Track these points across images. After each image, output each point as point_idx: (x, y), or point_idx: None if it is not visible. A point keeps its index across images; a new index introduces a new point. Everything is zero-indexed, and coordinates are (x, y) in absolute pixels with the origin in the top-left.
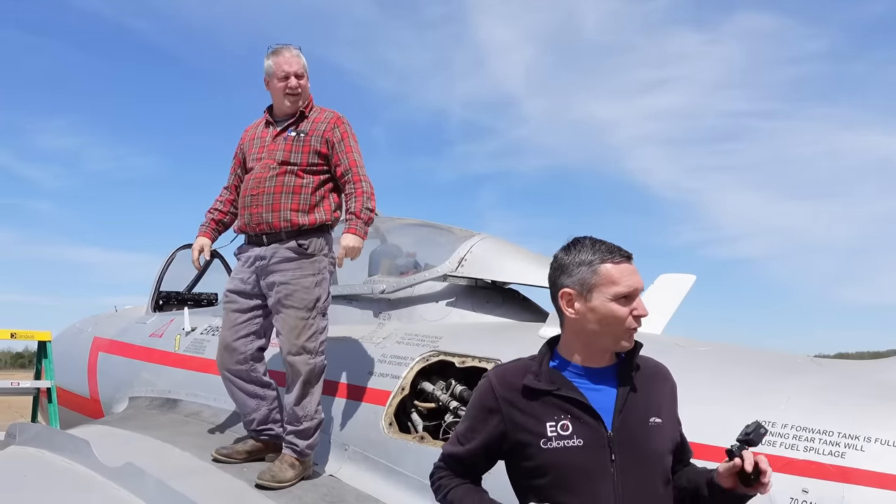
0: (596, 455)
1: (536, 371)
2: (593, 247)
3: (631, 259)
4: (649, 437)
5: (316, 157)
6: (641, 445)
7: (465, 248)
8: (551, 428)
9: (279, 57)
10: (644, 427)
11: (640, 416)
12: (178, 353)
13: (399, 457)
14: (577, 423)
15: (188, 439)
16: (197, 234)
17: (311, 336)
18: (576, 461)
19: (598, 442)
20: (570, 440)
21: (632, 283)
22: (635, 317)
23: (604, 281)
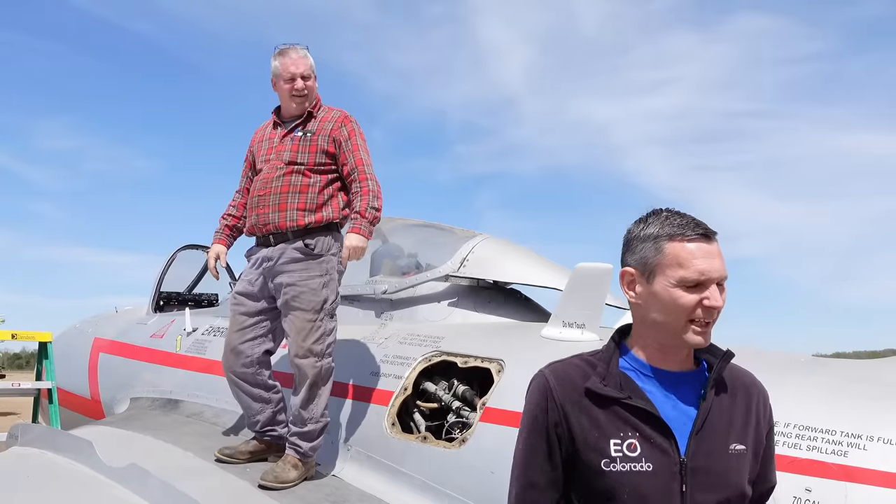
0: (665, 484)
1: (603, 372)
2: (666, 220)
3: (710, 238)
4: (729, 467)
5: (323, 157)
6: (719, 477)
7: (466, 249)
8: (616, 446)
9: (285, 58)
10: (723, 455)
11: (720, 440)
12: (179, 354)
13: (402, 457)
14: (646, 444)
15: (191, 440)
16: (212, 241)
17: (318, 338)
18: (641, 490)
19: (669, 469)
20: (636, 464)
21: (703, 268)
22: (706, 308)
23: (668, 261)
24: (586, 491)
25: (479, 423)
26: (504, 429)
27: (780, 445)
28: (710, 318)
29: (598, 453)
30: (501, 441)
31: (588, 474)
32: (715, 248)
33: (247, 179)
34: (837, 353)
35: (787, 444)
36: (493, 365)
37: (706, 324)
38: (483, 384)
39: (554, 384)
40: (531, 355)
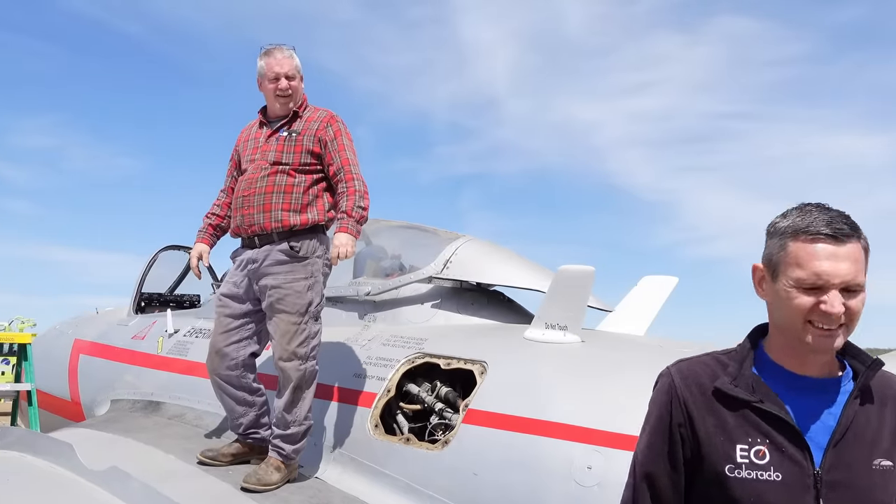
0: (795, 497)
1: (735, 372)
2: (800, 215)
3: (840, 239)
4: (873, 484)
5: (308, 157)
6: (861, 493)
7: (450, 250)
8: (742, 452)
9: (270, 58)
10: (866, 470)
11: (862, 453)
12: (160, 356)
13: (385, 458)
14: (776, 452)
15: (172, 442)
16: (195, 240)
17: (302, 341)
18: (767, 500)
19: (802, 481)
20: (764, 472)
21: (821, 270)
22: (822, 313)
23: (789, 260)
24: (708, 497)
25: (462, 425)
26: (487, 430)
27: None
28: (828, 324)
29: (724, 458)
30: (484, 443)
31: (711, 479)
32: (845, 250)
33: (232, 179)
34: None
35: None
36: (476, 367)
37: (828, 330)
38: (466, 386)
39: (679, 383)
40: (514, 357)
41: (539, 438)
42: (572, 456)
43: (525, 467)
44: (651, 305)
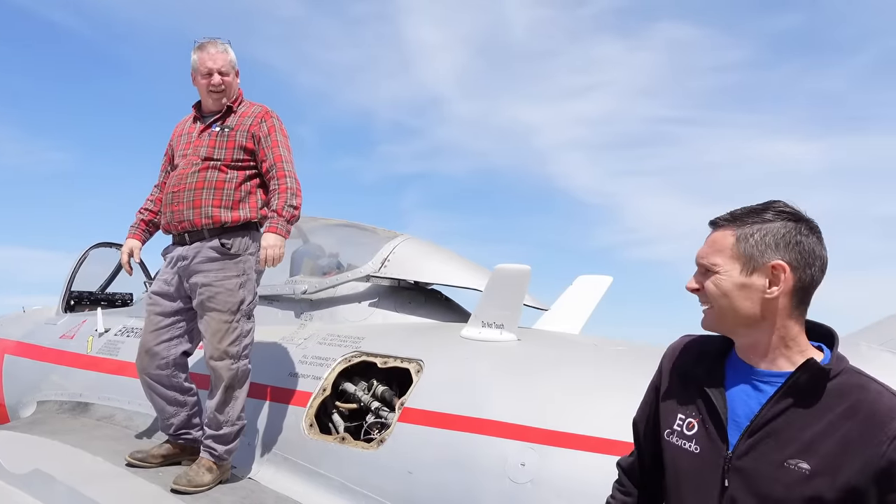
0: (706, 472)
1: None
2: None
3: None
4: (776, 480)
5: (241, 153)
6: (764, 486)
7: (388, 249)
8: (679, 421)
9: (203, 53)
10: (775, 466)
11: (776, 448)
12: (90, 355)
13: (320, 458)
14: (702, 428)
15: (101, 444)
16: (127, 235)
17: (234, 340)
18: (683, 468)
19: (715, 460)
20: (688, 442)
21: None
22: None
23: None
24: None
25: (398, 424)
26: (422, 429)
27: None
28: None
29: (667, 422)
30: (420, 441)
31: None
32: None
33: (165, 174)
34: None
35: None
36: (412, 365)
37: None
38: (403, 384)
39: (672, 351)
40: (450, 355)
41: (474, 436)
42: (506, 453)
43: (460, 465)
44: (586, 304)
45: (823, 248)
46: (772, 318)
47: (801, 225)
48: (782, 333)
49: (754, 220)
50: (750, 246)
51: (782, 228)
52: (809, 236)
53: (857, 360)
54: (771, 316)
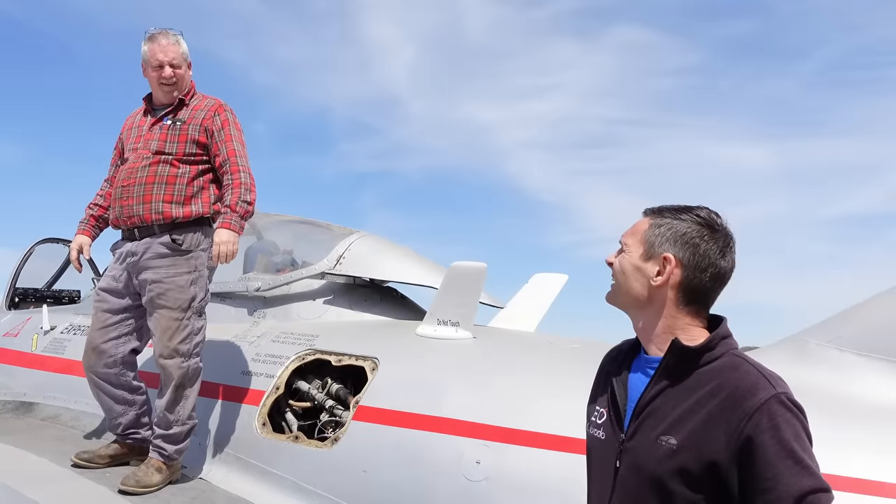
0: (607, 456)
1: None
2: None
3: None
4: (649, 456)
5: (194, 147)
6: (640, 463)
7: (343, 246)
8: (595, 412)
9: (154, 44)
10: (650, 442)
11: (652, 427)
12: (35, 354)
13: (272, 457)
14: (608, 417)
15: (45, 444)
16: (76, 231)
17: (185, 338)
18: (596, 455)
19: (613, 444)
20: (598, 430)
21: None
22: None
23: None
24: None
25: (352, 422)
26: (377, 427)
27: None
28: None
29: (590, 413)
30: (374, 439)
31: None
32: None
33: (115, 168)
34: None
35: None
36: (367, 363)
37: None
38: (357, 382)
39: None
40: (406, 353)
41: (429, 434)
42: (461, 451)
43: (415, 463)
44: (541, 302)
45: (725, 260)
46: (658, 306)
47: (706, 231)
48: (669, 322)
49: (671, 215)
50: (654, 235)
51: (687, 228)
52: (711, 244)
53: (806, 358)
54: (657, 303)
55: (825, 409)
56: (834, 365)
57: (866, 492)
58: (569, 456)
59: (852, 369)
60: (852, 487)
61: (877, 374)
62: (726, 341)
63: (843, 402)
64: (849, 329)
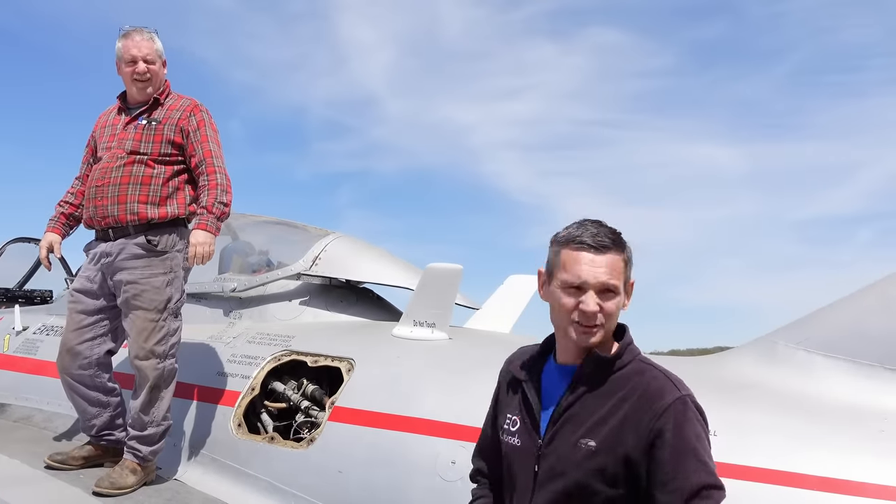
0: (525, 462)
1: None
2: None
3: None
4: (569, 459)
5: (169, 147)
6: (561, 466)
7: (319, 247)
8: (507, 420)
9: (128, 40)
10: (569, 447)
11: (570, 433)
12: (6, 354)
13: (248, 458)
14: (522, 423)
15: (17, 446)
16: (46, 229)
17: (160, 339)
18: (512, 461)
19: (531, 449)
20: (512, 437)
21: (580, 274)
22: (581, 312)
23: (560, 265)
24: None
25: (328, 423)
26: (353, 428)
27: None
28: (587, 321)
29: (501, 422)
30: (350, 440)
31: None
32: (602, 258)
33: (87, 166)
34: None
35: None
36: (343, 364)
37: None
38: (333, 383)
39: (506, 364)
40: (382, 354)
41: (405, 435)
42: (437, 451)
43: (390, 463)
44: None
45: None
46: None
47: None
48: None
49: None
50: (628, 269)
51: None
52: None
53: (775, 359)
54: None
55: (793, 410)
56: (801, 366)
57: (833, 490)
58: None
59: (819, 370)
60: (819, 486)
61: (842, 374)
62: (631, 348)
63: (809, 403)
64: (816, 331)
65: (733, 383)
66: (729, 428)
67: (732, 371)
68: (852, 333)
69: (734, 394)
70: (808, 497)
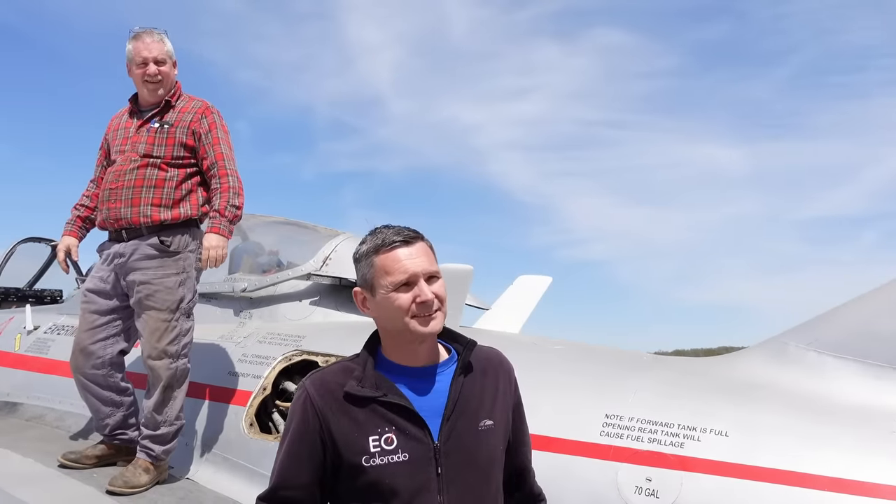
0: (422, 470)
1: (360, 375)
2: (372, 238)
3: (410, 242)
4: (479, 443)
5: (182, 150)
6: (471, 454)
7: (329, 247)
8: (374, 442)
9: (138, 42)
10: (474, 433)
11: (470, 420)
12: (18, 354)
13: (260, 457)
14: (402, 436)
15: (31, 444)
16: (63, 232)
17: (173, 339)
18: (400, 478)
19: (425, 455)
20: (394, 455)
21: (405, 269)
22: (419, 303)
23: (379, 273)
24: (353, 489)
25: None
26: None
27: (625, 438)
28: (427, 310)
29: (360, 451)
30: None
31: (351, 473)
32: (416, 248)
33: (101, 169)
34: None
35: (630, 437)
36: None
37: (428, 316)
38: None
39: (313, 393)
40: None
41: None
42: None
43: None
44: (526, 304)
45: None
46: None
47: None
48: None
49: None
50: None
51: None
52: None
53: (785, 360)
54: None
55: (803, 410)
56: (812, 367)
57: (844, 491)
58: (553, 456)
59: (829, 371)
60: (830, 486)
61: (853, 375)
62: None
63: (820, 404)
64: (827, 332)
65: (744, 384)
66: (740, 428)
67: (743, 371)
68: (863, 334)
69: (745, 394)
70: (819, 498)
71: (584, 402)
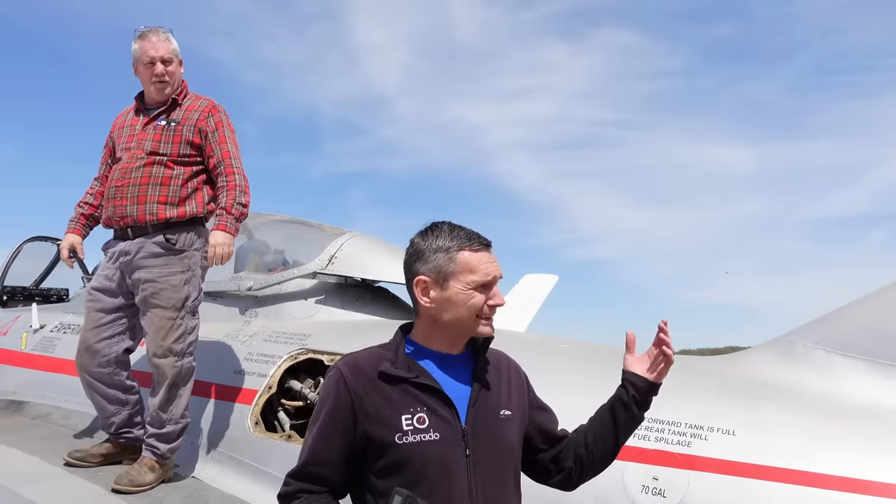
0: (451, 450)
1: (392, 358)
2: (451, 233)
3: (490, 247)
4: (501, 430)
5: (188, 148)
6: (494, 440)
7: (335, 246)
8: (407, 421)
9: (145, 41)
10: (496, 420)
11: (492, 408)
12: (24, 352)
13: (265, 456)
14: (433, 416)
15: (37, 443)
16: (66, 230)
17: (178, 337)
18: (432, 457)
19: (454, 437)
20: (426, 434)
21: (490, 272)
22: (491, 306)
23: (461, 269)
24: (385, 466)
25: None
26: None
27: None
28: (493, 313)
29: (392, 429)
30: None
31: (383, 450)
32: (493, 255)
33: (106, 167)
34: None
35: (637, 436)
36: None
37: (490, 318)
38: None
39: (347, 373)
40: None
41: None
42: None
43: None
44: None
45: None
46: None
47: None
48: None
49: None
50: None
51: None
52: None
53: (793, 358)
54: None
55: (812, 409)
56: (820, 365)
57: (852, 490)
58: None
59: (838, 370)
60: (839, 486)
61: (861, 374)
62: None
63: (828, 402)
64: (835, 330)
65: (752, 383)
66: (748, 427)
67: (751, 370)
68: (871, 333)
69: (753, 393)
70: (828, 497)
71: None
